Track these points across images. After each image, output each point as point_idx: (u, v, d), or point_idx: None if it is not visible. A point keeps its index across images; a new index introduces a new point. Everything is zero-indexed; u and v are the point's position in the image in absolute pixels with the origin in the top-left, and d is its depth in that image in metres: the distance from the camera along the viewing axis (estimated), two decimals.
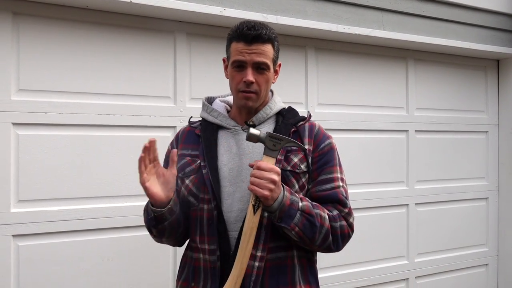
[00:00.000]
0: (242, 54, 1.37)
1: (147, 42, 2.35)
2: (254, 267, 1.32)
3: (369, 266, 3.01)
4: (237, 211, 1.36)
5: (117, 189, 2.25)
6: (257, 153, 1.41)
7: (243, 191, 1.38)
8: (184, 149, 1.49)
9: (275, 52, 1.43)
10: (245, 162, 1.40)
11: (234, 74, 1.41)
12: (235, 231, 1.35)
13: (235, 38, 1.39)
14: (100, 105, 2.22)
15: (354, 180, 2.89)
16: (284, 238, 1.37)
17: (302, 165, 1.42)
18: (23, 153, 2.07)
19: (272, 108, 1.49)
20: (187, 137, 1.52)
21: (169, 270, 2.38)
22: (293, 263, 1.40)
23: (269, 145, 1.31)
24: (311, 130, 1.48)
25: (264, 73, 1.40)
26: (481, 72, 3.57)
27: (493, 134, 3.60)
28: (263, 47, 1.38)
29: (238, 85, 1.40)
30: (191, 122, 1.56)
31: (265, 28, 1.39)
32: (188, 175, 1.43)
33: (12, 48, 2.06)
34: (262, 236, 1.34)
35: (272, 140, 1.31)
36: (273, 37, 1.41)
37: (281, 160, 1.39)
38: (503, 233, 3.58)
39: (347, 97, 2.95)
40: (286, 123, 1.46)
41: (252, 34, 1.36)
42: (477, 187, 3.51)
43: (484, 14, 3.30)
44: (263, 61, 1.38)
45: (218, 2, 2.37)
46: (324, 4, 2.70)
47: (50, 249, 2.11)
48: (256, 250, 1.33)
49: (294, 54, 2.75)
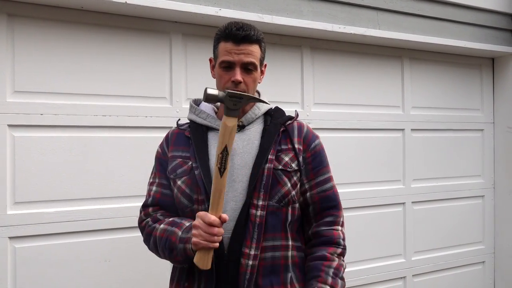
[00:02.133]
0: (231, 55, 1.38)
1: (143, 43, 2.34)
2: (248, 265, 1.32)
3: (366, 265, 3.02)
4: (230, 211, 1.37)
5: (114, 190, 2.25)
6: (248, 152, 1.42)
7: (235, 190, 1.38)
8: (175, 151, 1.50)
9: (262, 52, 1.45)
10: (237, 162, 1.40)
11: (222, 74, 1.42)
12: (228, 231, 1.36)
13: (224, 38, 1.40)
14: (96, 106, 2.22)
15: (350, 179, 2.90)
16: (278, 238, 1.39)
17: (293, 164, 1.43)
18: (19, 155, 2.07)
19: (260, 108, 1.50)
20: (177, 139, 1.52)
21: (166, 271, 2.37)
22: (287, 263, 1.40)
23: (229, 104, 1.30)
24: (300, 130, 1.50)
25: (251, 73, 1.42)
26: (476, 71, 3.58)
27: (489, 132, 3.61)
28: (251, 47, 1.40)
29: (225, 84, 1.41)
30: (179, 125, 1.57)
31: (253, 29, 1.41)
32: (180, 176, 1.44)
33: (7, 50, 2.06)
34: (255, 235, 1.34)
35: (232, 100, 1.30)
36: (261, 37, 1.44)
37: (272, 160, 1.40)
38: (499, 230, 3.60)
39: (343, 97, 2.96)
40: (275, 123, 1.47)
41: (241, 34, 1.37)
42: (473, 185, 3.53)
43: (479, 13, 3.32)
44: (251, 61, 1.40)
45: (213, 3, 2.37)
46: (320, 3, 2.70)
47: (47, 250, 2.11)
48: (250, 249, 1.33)
49: (290, 54, 2.76)
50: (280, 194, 1.39)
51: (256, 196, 1.36)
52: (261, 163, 1.38)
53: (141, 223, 1.53)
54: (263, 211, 1.35)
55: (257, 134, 1.46)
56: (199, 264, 1.29)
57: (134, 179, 2.29)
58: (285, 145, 1.45)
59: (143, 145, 2.31)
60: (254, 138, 1.45)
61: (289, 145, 1.45)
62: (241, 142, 1.43)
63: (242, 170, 1.39)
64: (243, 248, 1.33)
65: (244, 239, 1.34)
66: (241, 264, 1.32)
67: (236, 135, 1.42)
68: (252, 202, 1.36)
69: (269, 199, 1.37)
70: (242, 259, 1.33)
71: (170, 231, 1.37)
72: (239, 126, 1.44)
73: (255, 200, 1.36)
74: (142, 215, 1.54)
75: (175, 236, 1.35)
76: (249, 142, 1.44)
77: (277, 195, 1.39)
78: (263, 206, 1.36)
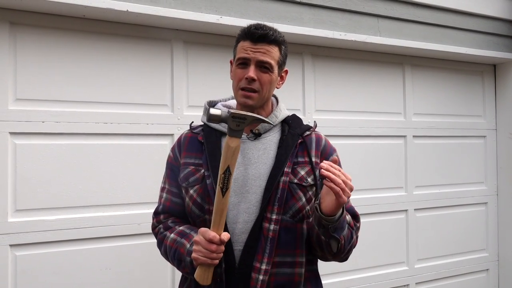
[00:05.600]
0: (247, 52, 1.36)
1: (144, 50, 2.35)
2: (258, 280, 1.29)
3: (369, 273, 2.99)
4: (242, 223, 1.34)
5: (115, 197, 2.25)
6: (263, 163, 1.38)
7: (248, 202, 1.35)
8: (187, 157, 1.45)
9: (281, 55, 1.42)
10: (251, 172, 1.37)
11: (237, 71, 1.39)
12: (240, 243, 1.33)
13: (242, 37, 1.39)
14: (98, 114, 2.22)
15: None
16: (291, 254, 1.35)
17: (309, 178, 1.39)
18: (21, 163, 2.07)
19: (277, 116, 1.47)
20: (189, 144, 1.47)
21: (167, 279, 2.36)
22: (300, 280, 1.37)
23: (232, 125, 1.25)
24: (318, 143, 1.46)
25: (267, 72, 1.38)
26: (478, 77, 3.58)
27: (491, 139, 3.60)
28: (268, 47, 1.37)
29: (239, 82, 1.38)
30: (193, 127, 1.51)
31: (273, 30, 1.38)
32: (193, 185, 1.40)
33: (9, 58, 2.07)
34: (267, 249, 1.31)
35: (235, 120, 1.25)
36: (280, 40, 1.40)
37: (288, 173, 1.36)
38: (503, 237, 3.57)
39: (345, 103, 2.96)
40: (293, 133, 1.43)
41: (259, 33, 1.35)
42: (476, 192, 3.51)
43: (480, 19, 3.32)
44: (267, 61, 1.36)
45: (214, 10, 2.38)
46: (320, 11, 2.71)
47: (48, 258, 2.10)
48: (261, 263, 1.30)
49: (291, 61, 2.75)
50: (294, 209, 1.36)
51: (270, 210, 1.33)
52: (276, 175, 1.35)
53: (154, 229, 1.51)
54: (276, 226, 1.32)
55: (273, 143, 1.42)
56: (199, 279, 1.27)
57: (136, 186, 2.29)
58: (302, 158, 1.41)
59: (145, 152, 2.31)
60: (270, 148, 1.41)
61: (306, 158, 1.42)
62: (256, 151, 1.40)
63: (256, 182, 1.36)
64: (255, 262, 1.31)
65: (256, 253, 1.31)
66: (252, 279, 1.30)
67: (251, 144, 1.40)
68: (266, 216, 1.33)
69: (283, 213, 1.34)
70: (252, 273, 1.30)
71: (180, 243, 1.35)
72: (254, 134, 1.41)
73: (269, 213, 1.33)
74: (154, 222, 1.51)
75: (184, 248, 1.33)
76: (265, 151, 1.40)
77: (291, 209, 1.35)
78: (276, 220, 1.32)
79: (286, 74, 1.49)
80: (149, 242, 2.22)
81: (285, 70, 1.48)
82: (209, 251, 1.23)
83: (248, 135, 1.43)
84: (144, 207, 2.27)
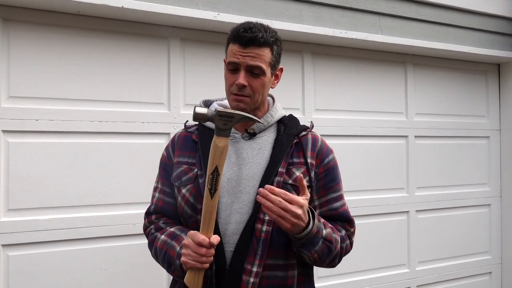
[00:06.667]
0: (236, 56, 1.31)
1: (140, 47, 2.32)
2: (249, 282, 1.26)
3: (369, 275, 2.96)
4: (234, 223, 1.31)
5: (110, 197, 2.22)
6: (257, 163, 1.36)
7: (241, 202, 1.32)
8: (180, 156, 1.43)
9: (273, 56, 1.36)
10: (244, 172, 1.34)
11: (228, 76, 1.36)
12: (231, 244, 1.30)
13: (232, 39, 1.34)
14: (93, 112, 2.19)
15: (353, 187, 2.84)
16: (283, 256, 1.32)
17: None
18: (13, 161, 2.04)
19: (273, 116, 1.44)
20: (183, 143, 1.45)
21: (163, 280, 2.33)
22: (292, 283, 1.34)
23: (219, 124, 1.22)
24: (314, 143, 1.43)
25: (258, 77, 1.33)
26: (482, 77, 3.52)
27: (495, 140, 3.55)
28: (258, 50, 1.31)
29: (230, 87, 1.35)
30: (187, 126, 1.49)
31: (263, 31, 1.32)
32: (185, 184, 1.37)
33: (2, 55, 2.04)
34: (259, 251, 1.28)
35: (222, 119, 1.22)
36: (271, 40, 1.34)
37: (283, 173, 1.33)
38: (506, 240, 3.51)
39: (345, 103, 2.92)
40: (288, 133, 1.40)
41: (247, 36, 1.29)
42: (479, 194, 3.46)
43: (484, 18, 3.27)
44: (257, 65, 1.31)
45: (212, 7, 2.34)
46: (320, 8, 2.67)
47: (41, 259, 2.07)
48: (252, 265, 1.27)
49: (291, 59, 2.72)
50: None
51: (263, 210, 1.28)
52: (270, 175, 1.32)
53: (145, 230, 1.48)
54: (269, 227, 1.29)
55: (268, 143, 1.39)
56: (189, 284, 1.23)
57: (130, 186, 2.25)
58: (297, 158, 1.38)
59: (140, 151, 2.28)
60: (265, 147, 1.38)
61: (302, 159, 1.38)
62: (250, 151, 1.37)
63: (250, 182, 1.33)
64: (245, 264, 1.27)
65: (247, 254, 1.28)
66: (242, 281, 1.26)
67: (246, 143, 1.37)
68: (258, 216, 1.30)
69: None
70: (243, 276, 1.27)
71: (170, 245, 1.32)
72: (249, 134, 1.38)
73: (261, 214, 1.29)
74: (146, 222, 1.48)
75: (174, 250, 1.30)
76: (259, 151, 1.38)
77: None
78: (269, 221, 1.29)
79: (281, 72, 1.45)
80: (144, 242, 2.14)
81: (280, 68, 1.44)
82: (199, 254, 1.19)
83: (243, 135, 1.40)
84: (139, 207, 2.23)
